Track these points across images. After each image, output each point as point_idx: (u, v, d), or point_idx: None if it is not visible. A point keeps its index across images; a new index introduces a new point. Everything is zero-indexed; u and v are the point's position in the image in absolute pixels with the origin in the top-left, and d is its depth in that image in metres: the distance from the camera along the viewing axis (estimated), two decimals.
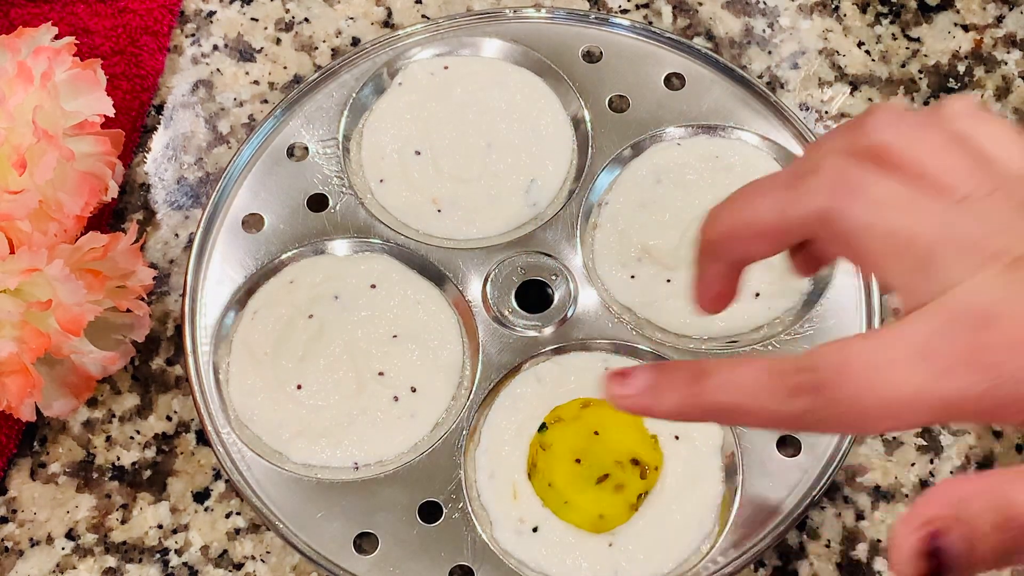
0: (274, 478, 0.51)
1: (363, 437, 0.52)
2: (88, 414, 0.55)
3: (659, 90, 0.59)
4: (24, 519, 0.53)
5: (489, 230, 0.56)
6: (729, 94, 0.58)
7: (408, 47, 0.60)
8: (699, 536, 0.50)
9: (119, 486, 0.54)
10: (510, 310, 0.54)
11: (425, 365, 0.53)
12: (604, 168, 0.57)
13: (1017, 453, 0.53)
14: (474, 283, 0.55)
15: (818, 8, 0.63)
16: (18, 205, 0.48)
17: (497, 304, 0.54)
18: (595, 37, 0.60)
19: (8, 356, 0.47)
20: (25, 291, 0.48)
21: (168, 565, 0.52)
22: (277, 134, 0.58)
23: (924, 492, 0.37)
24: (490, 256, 0.55)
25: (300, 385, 0.52)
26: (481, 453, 0.51)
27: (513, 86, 0.59)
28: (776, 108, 0.58)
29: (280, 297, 0.54)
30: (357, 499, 0.50)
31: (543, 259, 0.55)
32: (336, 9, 0.64)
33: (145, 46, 0.61)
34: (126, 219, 0.59)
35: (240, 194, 0.57)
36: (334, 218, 0.56)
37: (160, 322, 0.57)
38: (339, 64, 0.59)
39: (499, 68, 0.60)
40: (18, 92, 0.49)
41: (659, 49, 0.60)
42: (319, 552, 0.49)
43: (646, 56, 0.60)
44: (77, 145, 0.51)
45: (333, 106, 0.58)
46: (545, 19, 0.61)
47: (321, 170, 0.57)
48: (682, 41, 0.60)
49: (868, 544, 0.52)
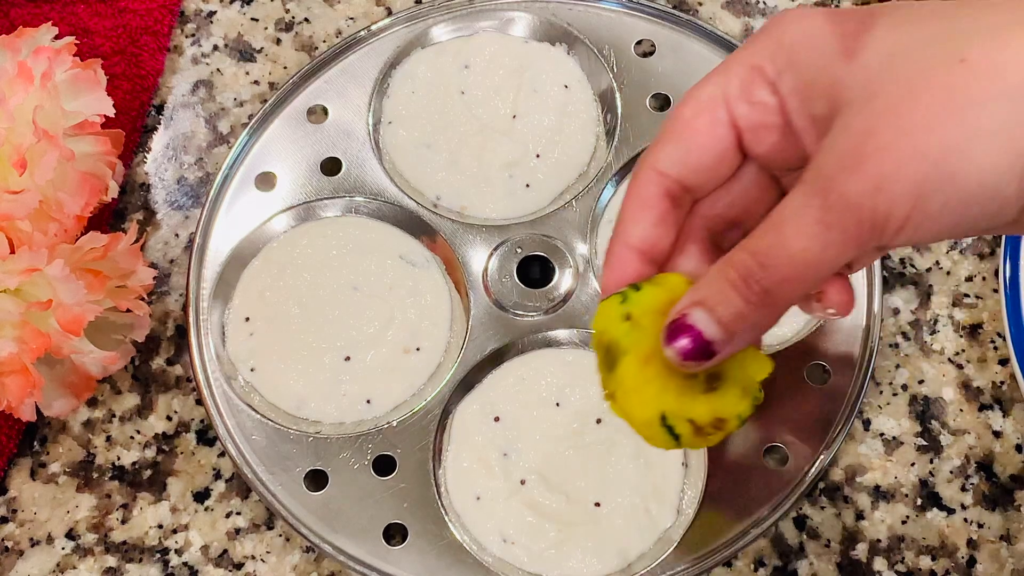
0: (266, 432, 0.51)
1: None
2: (88, 414, 0.55)
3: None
4: (24, 519, 0.53)
5: (502, 211, 0.57)
6: None
7: (437, 21, 0.61)
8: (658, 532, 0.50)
9: (119, 486, 0.54)
10: (510, 285, 0.55)
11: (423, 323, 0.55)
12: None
13: (1018, 452, 0.53)
14: (477, 259, 0.55)
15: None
16: (18, 205, 0.48)
17: (497, 283, 0.55)
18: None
19: (8, 356, 0.48)
20: (25, 291, 0.48)
21: (168, 565, 0.52)
22: (297, 96, 0.59)
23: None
24: (498, 234, 0.56)
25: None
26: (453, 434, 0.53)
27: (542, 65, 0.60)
28: None
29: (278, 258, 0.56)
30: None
31: (551, 241, 0.56)
32: (336, 9, 0.64)
33: (145, 46, 0.61)
34: (126, 219, 0.59)
35: (255, 151, 0.58)
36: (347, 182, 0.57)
37: (160, 322, 0.57)
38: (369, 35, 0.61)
39: (526, 45, 0.60)
40: (18, 92, 0.49)
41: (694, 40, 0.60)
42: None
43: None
44: (77, 145, 0.51)
45: (364, 74, 0.60)
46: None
47: (340, 135, 0.58)
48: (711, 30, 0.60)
49: (868, 544, 0.52)
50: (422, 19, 0.61)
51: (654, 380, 0.37)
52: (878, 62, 0.33)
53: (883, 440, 0.54)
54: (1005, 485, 0.53)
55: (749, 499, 0.50)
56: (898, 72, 0.32)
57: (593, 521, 0.50)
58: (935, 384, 0.55)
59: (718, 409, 0.37)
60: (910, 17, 0.34)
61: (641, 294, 0.38)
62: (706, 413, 0.37)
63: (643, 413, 0.37)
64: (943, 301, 0.56)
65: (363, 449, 0.52)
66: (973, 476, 0.53)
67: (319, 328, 0.54)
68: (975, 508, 0.52)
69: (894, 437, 0.54)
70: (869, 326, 0.54)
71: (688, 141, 0.37)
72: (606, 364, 0.38)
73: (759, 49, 0.37)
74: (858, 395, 0.52)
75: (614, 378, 0.37)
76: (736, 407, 0.37)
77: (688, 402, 0.37)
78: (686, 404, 0.37)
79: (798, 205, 0.33)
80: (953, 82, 0.31)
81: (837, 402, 0.52)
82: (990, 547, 0.52)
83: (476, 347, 0.53)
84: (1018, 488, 0.53)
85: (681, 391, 0.37)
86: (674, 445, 0.37)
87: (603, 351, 0.38)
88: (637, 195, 0.38)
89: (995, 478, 0.53)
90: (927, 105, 0.31)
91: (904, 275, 0.57)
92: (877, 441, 0.54)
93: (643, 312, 0.37)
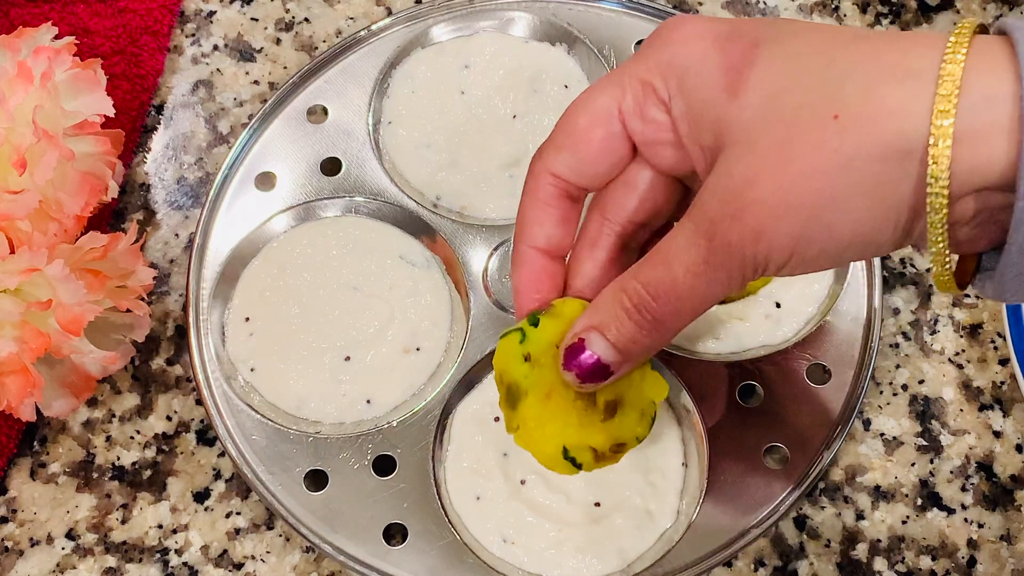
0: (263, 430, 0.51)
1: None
2: (88, 414, 0.55)
3: None
4: (24, 519, 0.53)
5: (503, 211, 0.57)
6: None
7: (437, 21, 0.61)
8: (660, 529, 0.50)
9: (119, 486, 0.54)
10: (510, 286, 0.55)
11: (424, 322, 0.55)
12: None
13: (1018, 452, 0.53)
14: (477, 259, 0.56)
15: (818, 8, 0.63)
16: (18, 205, 0.48)
17: (497, 283, 0.55)
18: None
19: (8, 356, 0.48)
20: (25, 291, 0.48)
21: (168, 565, 0.52)
22: (297, 96, 0.59)
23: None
24: (498, 234, 0.56)
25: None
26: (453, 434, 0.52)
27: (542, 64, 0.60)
28: None
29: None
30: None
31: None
32: (336, 9, 0.64)
33: (145, 46, 0.61)
34: (126, 219, 0.59)
35: (255, 151, 0.58)
36: (346, 182, 0.57)
37: (160, 322, 0.57)
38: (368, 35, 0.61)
39: (525, 45, 0.60)
40: (18, 92, 0.49)
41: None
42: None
43: None
44: (77, 145, 0.51)
45: (364, 74, 0.60)
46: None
47: (340, 135, 0.58)
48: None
49: (868, 544, 0.52)
50: (422, 19, 0.61)
51: (555, 416, 0.40)
52: (759, 104, 0.35)
53: (883, 440, 0.54)
54: (1005, 485, 0.53)
55: (749, 499, 0.50)
56: (777, 121, 0.34)
57: (593, 521, 0.50)
58: (935, 384, 0.55)
59: (616, 435, 0.40)
60: (789, 53, 0.35)
61: (539, 331, 0.40)
62: (605, 441, 0.40)
63: (546, 448, 0.40)
64: (943, 301, 0.56)
65: (363, 449, 0.52)
66: (973, 476, 0.53)
67: (319, 328, 0.54)
68: (975, 508, 0.52)
69: (894, 437, 0.54)
70: (869, 326, 0.54)
71: (584, 152, 0.39)
72: (508, 402, 0.41)
73: (652, 66, 0.38)
74: (858, 395, 0.52)
75: (517, 415, 0.40)
76: (634, 430, 0.41)
77: (588, 432, 0.40)
78: (585, 434, 0.40)
79: (686, 244, 0.35)
80: (827, 140, 0.32)
81: (837, 402, 0.52)
82: (990, 547, 0.52)
83: (476, 347, 0.53)
84: (1018, 488, 0.53)
85: (581, 422, 0.40)
86: (576, 472, 0.40)
87: (504, 389, 0.41)
88: (536, 197, 0.40)
89: (995, 478, 0.53)
90: (803, 161, 0.33)
91: (904, 275, 0.57)
92: (877, 441, 0.54)
93: (541, 351, 0.40)
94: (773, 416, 0.52)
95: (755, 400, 0.53)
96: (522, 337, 0.40)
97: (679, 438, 0.52)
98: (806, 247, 0.34)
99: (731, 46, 0.36)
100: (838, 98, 0.33)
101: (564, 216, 0.40)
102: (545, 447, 0.40)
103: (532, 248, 0.41)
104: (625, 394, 0.40)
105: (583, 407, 0.40)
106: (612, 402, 0.40)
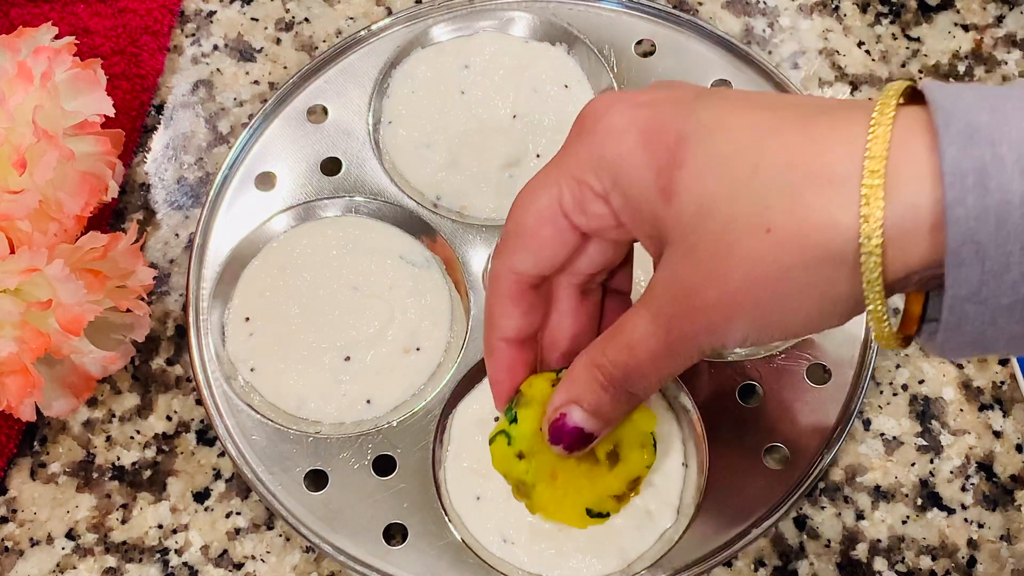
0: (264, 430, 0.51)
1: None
2: (88, 414, 0.55)
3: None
4: (24, 519, 0.53)
5: (503, 211, 0.57)
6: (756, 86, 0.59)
7: (438, 21, 0.61)
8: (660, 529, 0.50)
9: (119, 486, 0.54)
10: None
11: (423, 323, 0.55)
12: None
13: (1018, 452, 0.53)
14: (477, 259, 0.55)
15: (818, 8, 0.63)
16: (18, 205, 0.48)
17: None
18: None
19: (8, 356, 0.48)
20: (25, 291, 0.48)
21: (168, 565, 0.52)
22: (297, 96, 0.59)
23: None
24: (498, 234, 0.56)
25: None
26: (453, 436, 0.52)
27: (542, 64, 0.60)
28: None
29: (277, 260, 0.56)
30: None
31: None
32: (336, 9, 0.64)
33: (145, 46, 0.61)
34: (126, 219, 0.59)
35: (255, 151, 0.58)
36: (346, 181, 0.57)
37: (160, 322, 0.57)
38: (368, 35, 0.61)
39: (525, 45, 0.60)
40: (18, 92, 0.49)
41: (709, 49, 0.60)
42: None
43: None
44: (77, 145, 0.51)
45: (364, 74, 0.60)
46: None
47: (340, 135, 0.58)
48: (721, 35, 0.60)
49: (868, 544, 0.52)
50: (422, 19, 0.61)
51: (567, 490, 0.44)
52: (692, 212, 0.36)
53: (883, 440, 0.54)
54: (1005, 485, 0.53)
55: (749, 499, 0.50)
56: (710, 232, 0.36)
57: None
58: (935, 384, 0.55)
59: (627, 475, 0.44)
60: (713, 156, 0.36)
61: (520, 425, 0.43)
62: (620, 484, 0.44)
63: (572, 519, 0.44)
64: None
65: (363, 449, 0.52)
66: (973, 476, 0.53)
67: (319, 328, 0.54)
68: (975, 508, 0.52)
69: (894, 437, 0.54)
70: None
71: (537, 248, 0.41)
72: (522, 494, 0.44)
73: (583, 163, 0.39)
74: (858, 395, 0.52)
75: (535, 504, 0.44)
76: (641, 463, 0.44)
77: (601, 485, 0.44)
78: (601, 488, 0.44)
79: (645, 334, 0.38)
80: (764, 253, 0.34)
81: (837, 402, 0.52)
82: (990, 547, 0.52)
83: (476, 347, 0.53)
84: (1018, 488, 0.53)
85: (592, 481, 0.44)
86: (607, 519, 0.44)
87: (513, 485, 0.45)
88: (502, 294, 0.43)
89: (995, 478, 0.53)
90: (743, 270, 0.35)
91: None
92: (877, 441, 0.54)
93: (530, 443, 0.43)
94: (773, 416, 0.52)
95: (755, 400, 0.53)
96: (508, 439, 0.44)
97: (679, 438, 0.52)
98: (759, 335, 0.37)
99: (657, 144, 0.37)
100: (765, 213, 0.34)
101: (530, 306, 0.43)
102: (571, 519, 0.44)
103: (502, 340, 0.43)
104: (621, 438, 0.44)
105: (588, 467, 0.43)
106: (612, 451, 0.44)
